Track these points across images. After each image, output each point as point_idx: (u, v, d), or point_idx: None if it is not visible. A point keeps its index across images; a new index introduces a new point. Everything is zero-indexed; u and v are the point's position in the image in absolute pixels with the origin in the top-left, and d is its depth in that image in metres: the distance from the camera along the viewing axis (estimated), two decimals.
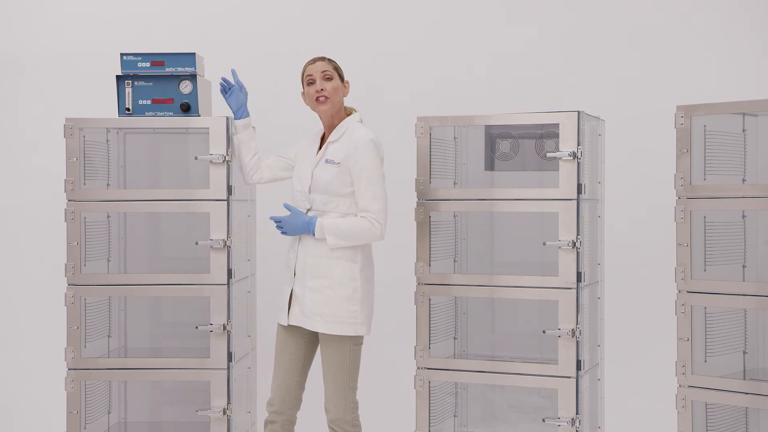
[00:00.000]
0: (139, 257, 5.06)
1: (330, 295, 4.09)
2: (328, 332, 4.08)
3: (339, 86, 4.20)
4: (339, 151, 4.14)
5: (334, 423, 4.12)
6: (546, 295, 4.28)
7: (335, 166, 4.12)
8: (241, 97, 4.45)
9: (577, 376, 4.22)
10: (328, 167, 4.13)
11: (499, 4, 5.71)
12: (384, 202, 4.13)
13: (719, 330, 4.28)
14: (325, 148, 4.19)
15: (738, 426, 4.32)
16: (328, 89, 4.17)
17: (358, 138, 4.12)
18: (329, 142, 4.19)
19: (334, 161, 4.12)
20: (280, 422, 4.20)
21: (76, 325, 4.60)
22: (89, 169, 4.71)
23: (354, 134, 4.15)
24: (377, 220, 4.09)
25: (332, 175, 4.12)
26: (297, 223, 4.13)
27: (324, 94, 4.16)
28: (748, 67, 5.46)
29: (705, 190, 4.17)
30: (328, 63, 4.22)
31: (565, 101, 5.19)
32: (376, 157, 4.13)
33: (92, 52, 5.77)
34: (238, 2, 5.82)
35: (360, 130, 4.16)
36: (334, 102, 4.18)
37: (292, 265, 4.21)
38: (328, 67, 4.20)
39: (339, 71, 4.23)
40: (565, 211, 4.22)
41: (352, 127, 4.19)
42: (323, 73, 4.18)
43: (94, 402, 4.78)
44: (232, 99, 4.45)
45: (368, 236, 4.10)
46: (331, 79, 4.18)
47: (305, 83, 4.23)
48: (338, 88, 4.20)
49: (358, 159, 4.09)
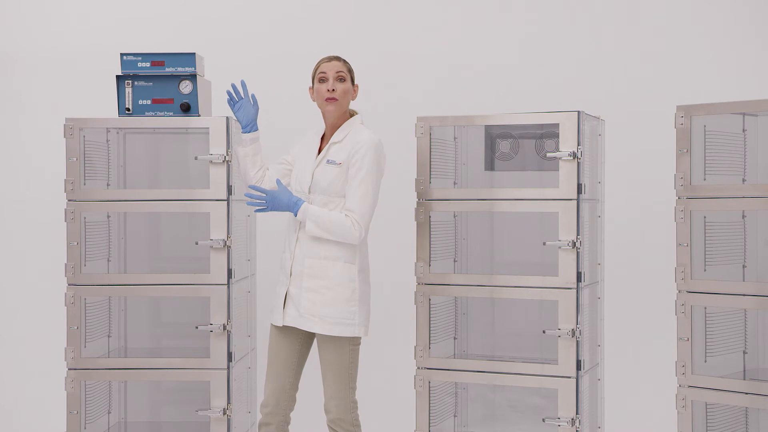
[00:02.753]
0: (139, 257, 5.06)
1: (329, 296, 4.09)
2: (327, 333, 4.08)
3: (349, 89, 4.19)
4: (341, 151, 4.13)
5: (335, 423, 4.12)
6: (546, 295, 4.28)
7: (337, 166, 4.11)
8: (251, 112, 4.32)
9: (577, 376, 4.22)
10: (329, 168, 4.12)
11: (499, 4, 5.71)
12: (371, 207, 4.10)
13: (719, 330, 4.28)
14: (327, 149, 4.18)
15: (738, 426, 4.32)
16: (339, 90, 4.15)
17: (363, 140, 4.11)
18: (332, 142, 4.18)
19: (336, 162, 4.11)
20: (275, 424, 4.20)
21: (76, 325, 4.60)
22: (89, 169, 4.71)
23: (358, 136, 4.13)
24: (359, 223, 4.06)
25: (334, 176, 4.11)
26: (283, 200, 4.08)
27: (334, 95, 4.14)
28: (748, 67, 5.46)
29: (705, 190, 4.17)
30: (344, 64, 4.19)
31: (565, 101, 5.18)
32: (376, 161, 4.11)
33: (92, 52, 5.78)
34: (238, 2, 5.82)
35: (365, 132, 4.15)
36: (342, 104, 4.17)
37: (287, 266, 4.19)
38: (342, 68, 4.18)
39: (352, 74, 4.22)
40: (565, 211, 4.22)
41: (356, 129, 4.18)
42: (338, 74, 4.16)
43: (94, 402, 4.78)
44: (242, 113, 4.31)
45: (346, 235, 4.06)
46: (344, 81, 4.16)
47: (317, 79, 4.19)
48: (348, 91, 4.18)
49: (358, 159, 4.08)
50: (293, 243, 4.18)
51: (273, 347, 4.23)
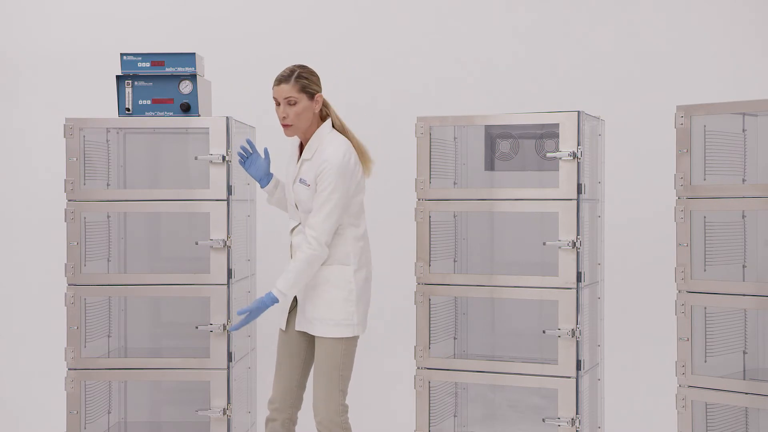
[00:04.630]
0: (139, 257, 5.06)
1: (327, 299, 4.08)
2: (326, 335, 4.07)
3: (306, 107, 4.03)
4: (310, 170, 4.05)
5: (322, 425, 4.07)
6: (546, 295, 4.28)
7: (306, 188, 4.04)
8: (263, 165, 4.23)
9: (577, 376, 4.22)
10: (302, 188, 4.06)
11: (499, 3, 5.71)
12: (334, 224, 3.99)
13: (719, 330, 4.28)
14: (299, 167, 4.10)
15: (738, 426, 4.32)
16: (291, 116, 4.02)
17: (328, 158, 3.99)
18: (303, 159, 4.09)
19: (306, 182, 4.05)
20: (280, 420, 4.19)
21: (76, 325, 4.60)
22: (89, 169, 4.71)
23: (324, 153, 4.02)
24: (316, 239, 3.97)
25: (306, 197, 4.05)
26: (260, 307, 4.05)
27: (287, 122, 4.04)
28: (748, 67, 5.46)
29: (705, 190, 4.17)
30: (293, 86, 4.01)
31: (565, 101, 5.19)
32: (341, 177, 3.98)
33: (92, 52, 5.78)
34: (238, 3, 5.82)
35: (329, 148, 4.03)
36: (298, 126, 4.05)
37: None
38: (290, 92, 4.00)
39: (307, 89, 4.04)
40: (565, 211, 4.22)
41: (325, 142, 4.06)
42: (286, 99, 4.02)
43: (94, 402, 4.78)
44: (253, 168, 4.22)
45: (313, 263, 4.00)
46: (296, 104, 4.02)
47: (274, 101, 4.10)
48: (305, 110, 4.03)
49: (324, 179, 3.98)
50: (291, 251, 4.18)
51: (281, 346, 4.23)
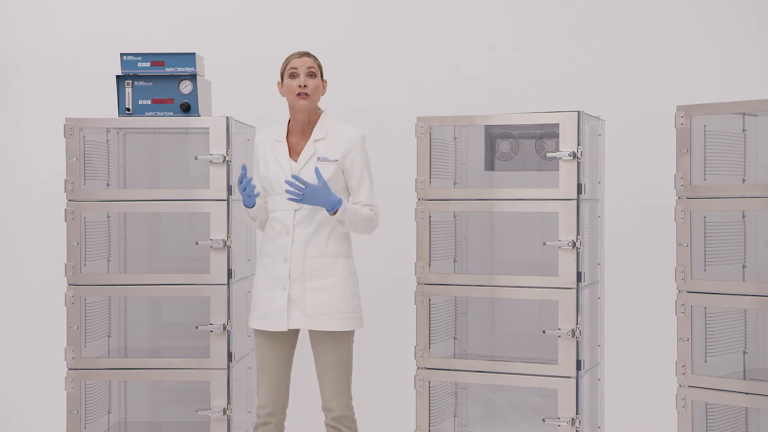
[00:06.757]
0: (139, 257, 5.06)
1: (337, 293, 4.07)
2: (339, 329, 4.05)
3: (320, 85, 4.18)
4: (331, 147, 4.10)
5: (337, 421, 4.09)
6: (546, 295, 4.28)
7: (333, 163, 4.09)
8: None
9: (577, 376, 4.22)
10: (325, 165, 4.07)
11: (499, 4, 5.71)
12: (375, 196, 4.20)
13: (719, 330, 4.28)
14: (311, 147, 4.13)
15: (738, 426, 4.32)
16: (311, 86, 4.13)
17: (352, 135, 4.12)
18: (315, 140, 4.12)
19: (330, 159, 4.09)
20: (274, 423, 4.18)
21: (76, 325, 4.60)
22: (89, 169, 4.71)
23: (344, 130, 4.14)
24: (378, 214, 4.15)
25: (332, 173, 4.08)
26: (322, 195, 3.97)
27: (306, 90, 4.12)
28: (748, 67, 5.46)
29: (705, 190, 4.17)
30: (314, 60, 4.18)
31: (565, 101, 5.18)
32: (366, 153, 4.16)
33: (92, 52, 5.77)
34: (238, 3, 5.82)
35: (349, 126, 4.16)
36: (313, 99, 4.15)
37: (284, 270, 4.08)
38: (313, 64, 4.16)
39: (321, 69, 4.21)
40: (565, 211, 4.22)
41: (337, 124, 4.17)
42: (309, 69, 4.14)
43: (94, 402, 4.78)
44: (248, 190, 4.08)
45: (372, 228, 4.15)
46: (315, 77, 4.15)
47: (287, 75, 4.15)
48: (319, 87, 4.17)
49: (357, 155, 4.10)
50: (286, 247, 4.08)
51: (266, 349, 4.15)
